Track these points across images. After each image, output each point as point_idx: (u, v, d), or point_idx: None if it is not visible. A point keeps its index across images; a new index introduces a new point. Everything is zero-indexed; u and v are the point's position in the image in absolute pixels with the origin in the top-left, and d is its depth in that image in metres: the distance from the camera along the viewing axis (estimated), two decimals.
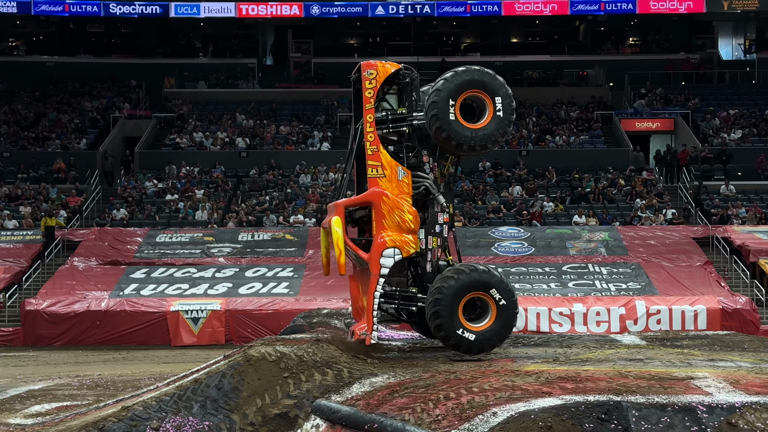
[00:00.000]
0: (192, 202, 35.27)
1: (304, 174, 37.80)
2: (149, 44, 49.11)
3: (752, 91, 45.91)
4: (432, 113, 13.19)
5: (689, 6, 44.57)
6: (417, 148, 13.76)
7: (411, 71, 13.88)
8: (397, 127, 13.74)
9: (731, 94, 45.23)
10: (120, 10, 44.09)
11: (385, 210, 13.30)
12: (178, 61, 47.90)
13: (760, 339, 18.18)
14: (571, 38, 51.07)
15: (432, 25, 49.69)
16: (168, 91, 45.48)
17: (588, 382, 10.00)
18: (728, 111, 42.55)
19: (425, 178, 13.65)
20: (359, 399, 10.40)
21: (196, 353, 24.38)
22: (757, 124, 41.40)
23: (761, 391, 9.51)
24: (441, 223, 13.68)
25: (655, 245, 31.03)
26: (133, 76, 46.79)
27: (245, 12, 44.52)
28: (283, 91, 46.56)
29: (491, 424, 8.73)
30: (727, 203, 34.79)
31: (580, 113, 42.76)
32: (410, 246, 13.35)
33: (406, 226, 13.35)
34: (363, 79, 13.62)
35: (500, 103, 13.38)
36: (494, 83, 13.42)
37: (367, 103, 13.55)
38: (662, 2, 44.33)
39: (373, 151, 13.44)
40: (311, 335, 13.73)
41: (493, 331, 13.05)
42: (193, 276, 29.42)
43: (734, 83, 47.23)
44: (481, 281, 13.02)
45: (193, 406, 10.87)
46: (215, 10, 44.44)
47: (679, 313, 26.44)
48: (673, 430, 8.69)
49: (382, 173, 13.40)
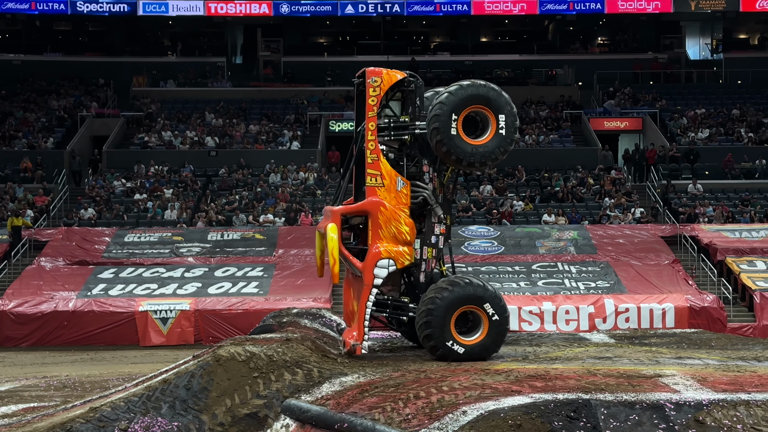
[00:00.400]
0: (161, 201, 35.06)
1: (274, 173, 37.69)
2: (117, 42, 48.77)
3: (719, 90, 46.33)
4: (434, 126, 13.07)
5: (657, 6, 44.89)
6: (418, 157, 13.67)
7: (416, 79, 13.79)
8: (399, 135, 13.64)
9: (698, 94, 45.62)
10: (87, 8, 43.70)
11: (381, 220, 13.27)
12: (146, 59, 47.60)
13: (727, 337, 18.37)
14: (540, 38, 51.29)
15: (402, 24, 49.74)
16: (136, 89, 45.19)
17: (557, 380, 10.03)
18: (695, 110, 42.91)
19: (424, 189, 13.58)
20: (329, 398, 10.38)
21: (165, 353, 24.24)
22: (724, 123, 41.78)
23: (728, 389, 9.59)
24: (437, 234, 13.64)
25: (624, 244, 31.22)
26: (100, 75, 46.46)
27: (214, 10, 44.30)
28: (252, 90, 46.42)
29: (461, 422, 8.73)
30: (694, 202, 35.07)
31: (550, 112, 42.96)
32: (405, 258, 13.31)
33: (402, 238, 13.31)
34: (367, 86, 13.52)
35: (504, 120, 13.27)
36: (499, 100, 13.31)
37: (369, 111, 13.46)
38: (630, 2, 44.63)
39: (373, 159, 13.38)
40: (281, 335, 13.67)
41: (483, 346, 13.01)
42: (162, 276, 29.24)
43: (701, 83, 47.64)
44: (475, 295, 12.99)
45: (162, 406, 10.80)
46: (184, 8, 44.17)
47: (648, 311, 26.62)
48: (642, 428, 8.73)
49: (381, 183, 13.35)
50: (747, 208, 34.69)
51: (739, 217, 34.02)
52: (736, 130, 40.94)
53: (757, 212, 34.29)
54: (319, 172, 38.00)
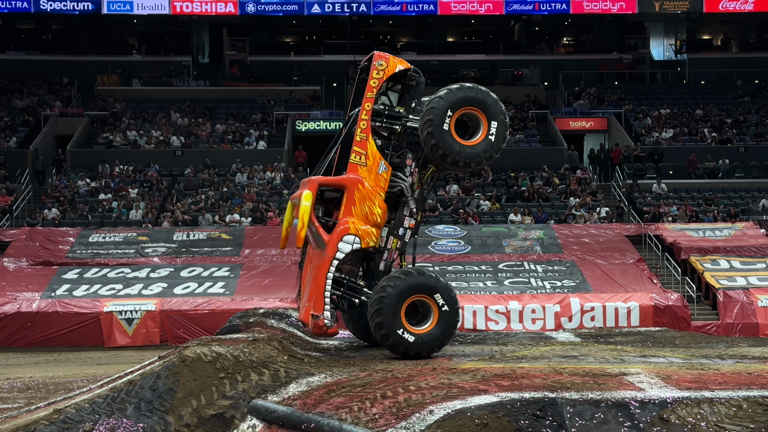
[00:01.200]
0: (126, 201, 34.82)
1: (241, 173, 37.55)
2: (81, 41, 48.36)
3: (683, 90, 46.76)
4: (428, 118, 13.22)
5: (622, 6, 45.22)
6: (403, 149, 13.88)
7: (418, 75, 14.08)
8: (391, 124, 13.87)
9: (663, 94, 46.03)
10: (51, 6, 43.30)
11: (357, 197, 13.45)
12: (111, 58, 47.27)
13: (691, 335, 18.53)
14: (506, 38, 51.48)
15: (368, 23, 49.74)
16: (101, 88, 44.86)
17: (523, 379, 10.07)
18: (660, 110, 43.28)
19: (403, 180, 13.78)
20: (296, 399, 10.36)
21: (130, 354, 24.07)
22: (688, 123, 42.17)
23: (692, 387, 9.67)
24: (406, 228, 13.80)
25: (589, 243, 31.41)
26: (64, 74, 46.06)
27: (179, 9, 44.03)
28: (218, 89, 46.25)
29: (428, 422, 8.74)
30: (658, 201, 35.37)
31: (516, 112, 43.13)
32: (371, 238, 13.48)
33: (372, 219, 13.51)
34: (372, 67, 13.80)
35: (495, 128, 13.47)
36: (495, 107, 13.53)
37: (369, 91, 13.74)
38: (595, 2, 44.92)
39: (362, 138, 13.62)
40: (248, 335, 13.62)
41: (432, 336, 13.04)
42: (127, 276, 29.02)
43: (666, 83, 48.09)
44: (427, 285, 13.03)
45: (127, 407, 10.73)
46: (149, 7, 43.86)
47: (613, 310, 26.79)
48: (607, 426, 8.78)
49: (364, 162, 13.56)
50: (710, 208, 35.04)
51: (702, 216, 34.35)
52: (700, 130, 41.33)
53: (721, 211, 34.64)
54: (285, 171, 37.91)
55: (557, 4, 44.99)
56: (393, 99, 14.11)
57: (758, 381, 10.08)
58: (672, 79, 48.63)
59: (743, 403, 9.05)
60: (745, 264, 29.78)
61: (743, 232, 32.17)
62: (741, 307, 27.47)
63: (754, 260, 30.01)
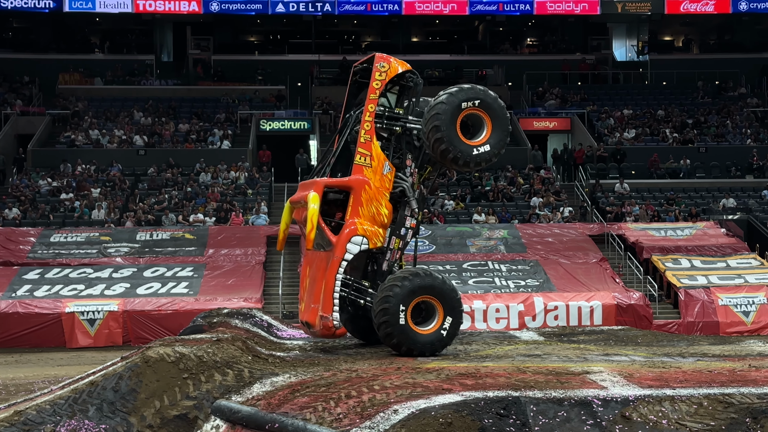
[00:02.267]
0: (88, 201, 34.52)
1: (204, 172, 37.36)
2: (43, 39, 47.83)
3: (645, 91, 47.18)
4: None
5: (584, 8, 45.52)
6: (403, 150, 14.00)
7: (416, 76, 14.28)
8: (391, 125, 13.98)
9: (625, 95, 46.42)
10: (12, 3, 42.80)
11: (364, 198, 13.57)
12: (73, 56, 46.81)
13: (653, 333, 18.70)
14: (470, 38, 51.65)
15: (333, 23, 49.68)
16: (62, 87, 44.42)
17: (487, 378, 10.11)
18: (622, 111, 43.63)
19: (404, 180, 13.91)
20: (260, 399, 10.32)
21: (92, 355, 23.88)
22: (650, 123, 42.55)
23: (654, 384, 9.76)
24: (407, 227, 13.94)
25: (553, 243, 31.58)
26: (25, 72, 45.55)
27: (142, 8, 43.70)
28: (181, 88, 45.96)
29: (392, 421, 8.74)
30: (621, 201, 35.65)
31: None
32: (378, 239, 13.65)
33: (379, 219, 13.67)
34: (374, 69, 13.96)
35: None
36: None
37: (372, 93, 13.86)
38: (559, 3, 45.19)
39: (366, 140, 13.72)
40: (211, 335, 13.55)
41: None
42: (90, 276, 28.78)
43: (628, 84, 48.50)
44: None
45: (89, 409, 10.64)
46: (111, 5, 43.48)
47: (576, 308, 26.96)
48: (570, 424, 8.84)
49: (369, 163, 13.66)
50: (672, 207, 35.37)
51: (664, 216, 34.68)
52: (662, 131, 41.73)
53: (682, 211, 35.00)
54: (249, 171, 37.77)
55: (521, 4, 45.19)
56: (391, 100, 14.22)
57: (718, 379, 10.20)
58: (634, 79, 49.06)
59: (704, 400, 9.14)
60: (706, 263, 30.12)
61: (704, 231, 32.52)
62: (702, 305, 27.78)
63: (714, 259, 30.36)
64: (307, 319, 14.06)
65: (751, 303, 27.83)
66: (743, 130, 42.14)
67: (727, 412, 8.95)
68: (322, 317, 13.28)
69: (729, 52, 49.61)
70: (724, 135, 41.76)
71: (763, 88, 46.29)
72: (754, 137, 41.68)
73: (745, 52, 49.30)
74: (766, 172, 38.88)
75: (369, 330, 14.12)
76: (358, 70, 14.87)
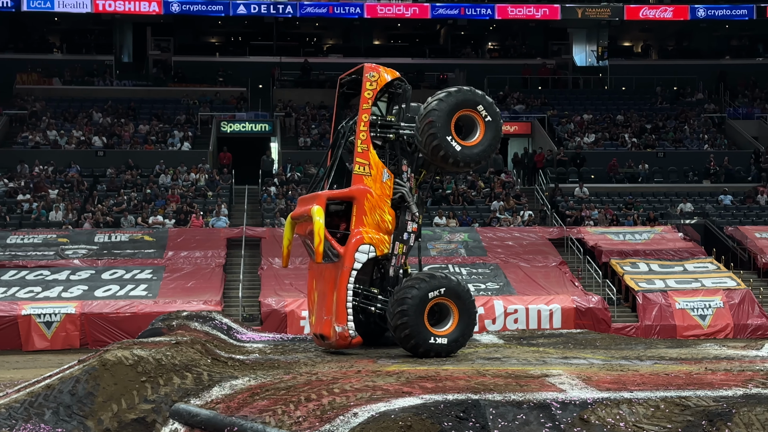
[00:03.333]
0: (45, 202, 34.14)
1: (164, 174, 37.09)
2: (0, 39, 47.27)
3: (604, 96, 47.59)
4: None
5: (545, 13, 45.86)
6: (397, 156, 14.18)
7: (404, 83, 14.41)
8: (384, 133, 14.15)
9: (585, 99, 46.77)
10: None
11: (367, 207, 13.75)
12: (31, 56, 46.26)
13: (611, 336, 18.83)
14: (432, 42, 51.80)
15: (294, 25, 49.57)
16: (20, 87, 43.92)
17: (447, 381, 10.13)
18: (582, 115, 43.97)
19: (402, 186, 14.11)
20: (219, 402, 10.27)
21: (49, 358, 23.61)
22: (609, 128, 42.92)
23: (612, 387, 9.83)
24: (409, 232, 14.16)
25: (513, 246, 31.74)
26: None
27: (102, 8, 43.32)
28: (141, 89, 45.61)
29: (352, 424, 8.74)
30: (580, 205, 35.90)
31: None
32: (385, 246, 13.87)
33: (384, 227, 13.88)
34: (364, 80, 14.09)
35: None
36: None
37: (364, 103, 14.02)
38: (520, 8, 45.49)
39: (363, 149, 13.89)
40: (170, 338, 13.46)
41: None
42: (47, 278, 28.45)
43: (588, 88, 48.87)
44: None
45: (45, 412, 10.52)
46: (70, 5, 43.07)
47: (536, 312, 27.12)
48: (529, 427, 8.88)
49: (368, 172, 13.86)
50: (630, 212, 35.69)
51: (623, 220, 34.97)
52: (621, 135, 42.10)
53: (640, 215, 35.33)
54: (210, 173, 37.56)
55: (482, 9, 45.44)
56: (382, 108, 14.40)
57: (675, 382, 10.29)
58: (594, 84, 49.47)
59: (661, 403, 9.23)
60: (664, 267, 30.41)
61: (662, 235, 32.85)
62: (659, 309, 28.07)
63: (672, 263, 30.66)
64: (321, 331, 14.23)
65: (707, 307, 28.16)
66: (701, 135, 42.64)
67: (683, 415, 9.04)
68: (338, 328, 13.48)
69: (687, 59, 50.22)
70: (681, 140, 42.22)
71: (720, 94, 46.89)
72: (711, 142, 42.19)
73: (703, 59, 49.93)
74: (722, 177, 39.36)
75: (373, 334, 14.45)
76: (345, 82, 15.07)
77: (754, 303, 28.41)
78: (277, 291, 27.77)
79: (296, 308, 26.56)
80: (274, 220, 33.43)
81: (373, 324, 14.34)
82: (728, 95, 46.73)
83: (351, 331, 13.50)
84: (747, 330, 27.76)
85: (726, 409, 9.06)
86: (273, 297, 27.28)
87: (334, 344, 13.83)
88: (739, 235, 32.91)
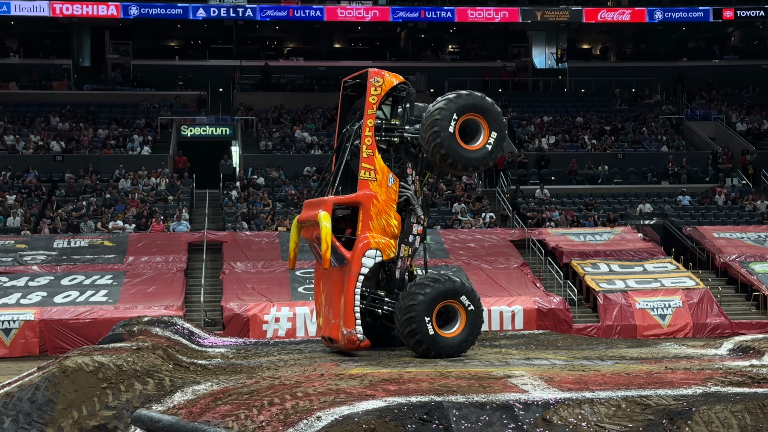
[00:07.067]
0: (3, 208, 33.73)
1: (124, 179, 36.79)
2: None
3: (564, 98, 47.91)
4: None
5: (505, 16, 46.14)
6: (402, 159, 14.28)
7: (408, 86, 14.54)
8: (388, 137, 14.25)
9: (545, 102, 47.06)
10: None
11: (373, 212, 13.84)
12: None
13: (572, 337, 18.95)
14: (392, 45, 51.90)
15: (255, 28, 49.38)
16: None
17: (410, 383, 10.14)
18: (542, 117, 44.24)
19: (407, 189, 14.20)
20: (181, 408, 10.20)
21: (7, 366, 23.31)
22: (569, 130, 43.22)
23: (574, 388, 9.89)
24: (414, 234, 14.23)
25: (475, 248, 31.83)
26: None
27: (59, 11, 42.96)
28: (100, 93, 45.20)
29: (315, 428, 8.72)
30: (541, 207, 36.11)
31: None
32: (391, 250, 13.98)
33: (390, 231, 13.97)
34: (369, 84, 14.14)
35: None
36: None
37: (369, 108, 14.09)
38: (479, 11, 45.71)
39: (369, 154, 13.97)
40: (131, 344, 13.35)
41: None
42: (4, 285, 28.10)
43: (547, 91, 49.18)
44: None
45: (4, 421, 10.40)
46: (27, 8, 42.67)
47: (498, 313, 27.22)
48: (492, 428, 8.91)
49: (374, 177, 13.93)
50: (591, 213, 35.98)
51: (583, 221, 35.22)
52: (580, 137, 42.41)
53: (600, 216, 35.61)
54: (170, 177, 37.33)
55: (442, 12, 45.61)
56: (386, 112, 14.48)
57: (636, 381, 10.38)
58: (553, 87, 49.80)
59: (622, 402, 9.30)
60: (624, 267, 30.66)
61: (622, 236, 33.13)
62: (620, 309, 28.29)
63: (632, 263, 30.92)
64: (329, 334, 14.30)
65: (667, 306, 28.43)
66: (659, 136, 43.07)
67: (644, 414, 9.12)
68: (346, 332, 13.54)
69: (645, 61, 50.77)
70: (640, 141, 42.62)
71: (678, 96, 47.41)
72: (670, 144, 42.65)
73: (661, 61, 50.49)
74: (681, 178, 39.78)
75: (380, 333, 14.51)
76: (349, 85, 15.13)
77: (713, 302, 28.72)
78: (239, 295, 27.66)
79: (258, 312, 26.47)
80: (236, 224, 33.29)
81: (380, 325, 14.49)
82: (686, 97, 47.25)
83: (359, 335, 13.59)
84: (706, 329, 28.07)
85: (686, 407, 9.15)
86: (235, 301, 27.16)
87: (343, 347, 13.92)
88: (698, 235, 33.28)
